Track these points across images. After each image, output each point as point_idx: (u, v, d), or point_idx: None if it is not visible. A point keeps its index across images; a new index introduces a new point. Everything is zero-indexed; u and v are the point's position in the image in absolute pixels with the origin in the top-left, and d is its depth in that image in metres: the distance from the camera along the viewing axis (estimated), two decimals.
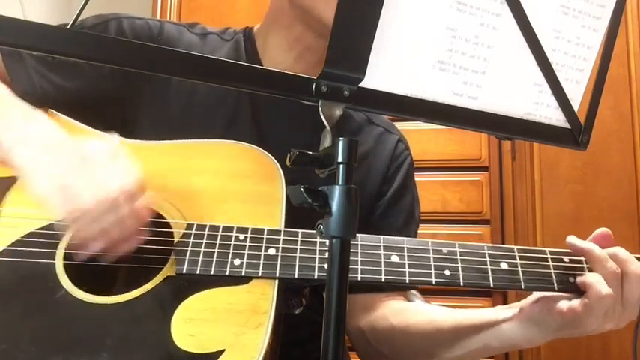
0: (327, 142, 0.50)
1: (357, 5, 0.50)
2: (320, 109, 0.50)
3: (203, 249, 0.76)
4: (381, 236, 0.80)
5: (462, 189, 1.84)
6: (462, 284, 0.77)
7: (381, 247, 0.79)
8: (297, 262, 0.76)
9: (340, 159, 0.48)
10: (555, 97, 0.61)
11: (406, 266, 0.77)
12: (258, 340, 0.70)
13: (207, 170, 0.83)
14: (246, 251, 0.76)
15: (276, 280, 0.75)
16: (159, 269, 0.76)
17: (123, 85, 0.91)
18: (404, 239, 0.80)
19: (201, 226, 0.78)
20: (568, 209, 1.75)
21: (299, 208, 0.49)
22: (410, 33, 0.53)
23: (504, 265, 0.79)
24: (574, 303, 0.76)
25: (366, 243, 0.79)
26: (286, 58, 0.95)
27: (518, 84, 0.59)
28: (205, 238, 0.77)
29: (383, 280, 0.76)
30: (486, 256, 0.79)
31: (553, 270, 0.79)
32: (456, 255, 0.79)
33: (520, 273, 0.78)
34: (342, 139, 0.48)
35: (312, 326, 0.84)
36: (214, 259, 0.76)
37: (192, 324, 0.71)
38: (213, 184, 0.82)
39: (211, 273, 0.75)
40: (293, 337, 0.82)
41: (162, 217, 0.79)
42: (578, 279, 0.77)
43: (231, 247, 0.76)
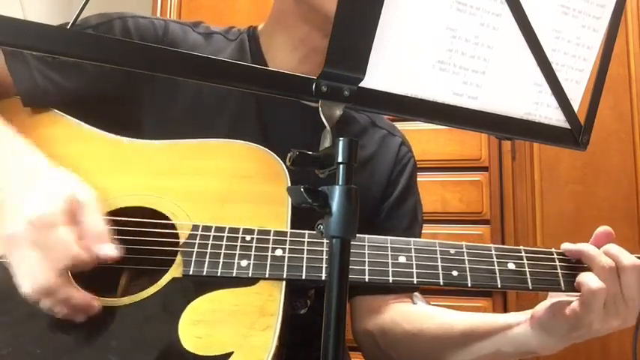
0: (327, 142, 0.50)
1: (357, 5, 0.50)
2: (320, 109, 0.50)
3: (209, 250, 0.76)
4: (388, 237, 0.79)
5: (462, 189, 1.84)
6: (469, 285, 0.77)
7: (389, 248, 0.78)
8: (304, 264, 0.76)
9: (340, 159, 0.48)
10: (555, 97, 0.61)
11: (414, 267, 0.77)
12: (266, 342, 0.69)
13: (212, 170, 0.82)
14: (253, 252, 0.76)
15: (284, 282, 0.74)
16: (165, 271, 0.75)
17: (126, 84, 0.90)
18: (411, 240, 0.80)
19: (207, 227, 0.77)
20: (568, 209, 1.75)
21: (305, 207, 0.49)
22: (410, 33, 0.53)
23: (512, 266, 0.78)
24: (574, 304, 0.76)
25: (374, 244, 0.78)
26: (291, 58, 0.95)
27: (518, 84, 0.59)
28: (211, 239, 0.77)
29: (391, 282, 0.76)
30: (494, 257, 0.79)
31: (560, 270, 0.78)
32: (464, 256, 0.79)
33: (527, 274, 0.78)
34: (342, 139, 0.48)
35: (312, 326, 0.84)
36: (221, 260, 0.75)
37: (199, 326, 0.71)
38: (218, 184, 0.81)
39: (218, 274, 0.74)
40: (299, 341, 0.81)
41: (168, 219, 0.79)
42: (577, 279, 0.77)
43: (238, 248, 0.76)
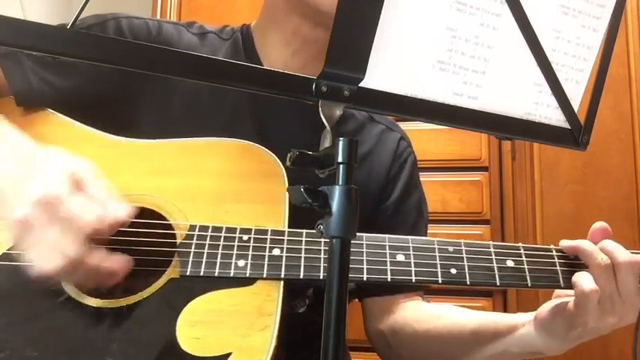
0: (327, 142, 0.50)
1: (357, 5, 0.50)
2: (320, 109, 0.50)
3: (206, 250, 0.75)
4: (386, 235, 0.79)
5: (462, 189, 1.84)
6: (468, 283, 0.76)
7: (387, 247, 0.78)
8: (302, 263, 0.75)
9: (340, 159, 0.48)
10: (555, 97, 0.61)
11: (412, 265, 0.77)
12: (265, 343, 0.69)
13: (209, 169, 0.82)
14: (250, 252, 0.75)
15: (282, 282, 0.74)
16: (162, 272, 0.75)
17: (122, 84, 0.90)
18: (409, 238, 0.79)
19: (204, 227, 0.77)
20: (568, 209, 1.75)
21: (303, 206, 0.49)
22: (410, 33, 0.53)
23: (510, 263, 0.78)
24: (569, 304, 0.75)
25: (371, 242, 0.78)
26: (285, 53, 0.95)
27: (518, 84, 0.59)
28: (208, 239, 0.76)
29: (389, 280, 0.76)
30: (492, 255, 0.79)
31: (559, 267, 0.78)
32: (462, 254, 0.78)
33: (526, 271, 0.78)
34: (342, 139, 0.48)
35: (311, 326, 0.83)
36: (218, 260, 0.75)
37: (197, 327, 0.70)
38: (215, 183, 0.81)
39: (215, 275, 0.74)
40: (298, 340, 0.81)
41: (165, 219, 0.78)
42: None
43: (235, 248, 0.75)
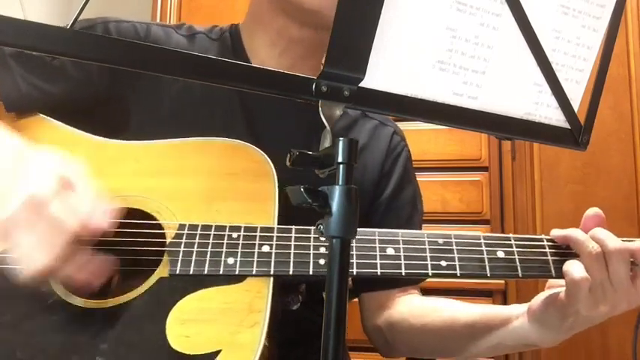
0: (327, 142, 0.50)
1: (357, 5, 0.50)
2: (320, 109, 0.50)
3: (196, 249, 0.75)
4: (376, 229, 0.79)
5: (462, 189, 1.84)
6: (458, 275, 0.76)
7: (376, 241, 0.78)
8: (291, 259, 0.75)
9: (340, 159, 0.48)
10: (555, 97, 0.61)
11: (402, 258, 0.77)
12: (254, 339, 0.69)
13: (199, 169, 0.82)
14: (240, 249, 0.75)
15: (271, 278, 0.74)
16: (152, 271, 0.75)
17: (111, 87, 0.90)
18: (399, 232, 0.79)
19: (194, 226, 0.77)
20: (568, 209, 1.75)
21: (292, 203, 0.49)
22: (410, 33, 0.53)
23: (501, 254, 0.78)
24: (561, 293, 0.75)
25: (361, 237, 0.78)
26: (272, 53, 0.95)
27: (518, 84, 0.59)
28: (198, 237, 0.76)
29: (379, 274, 0.76)
30: (483, 246, 0.78)
31: (550, 257, 0.78)
32: (452, 245, 0.78)
33: (517, 261, 0.77)
34: (341, 139, 0.48)
35: (312, 326, 0.84)
36: (207, 258, 0.75)
37: (187, 325, 0.71)
38: (205, 182, 0.81)
39: (205, 273, 0.74)
40: (293, 337, 0.81)
41: (154, 219, 0.78)
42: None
43: (225, 245, 0.76)
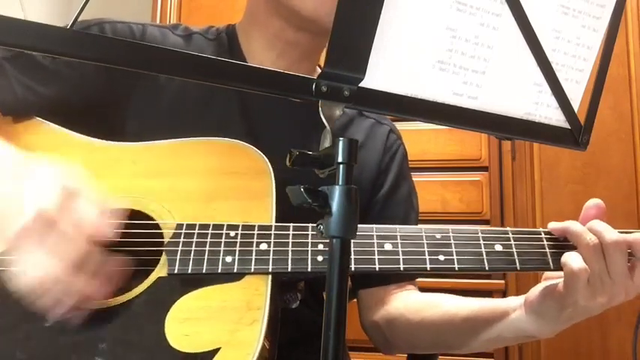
0: (326, 142, 0.50)
1: (357, 5, 0.50)
2: (320, 109, 0.50)
3: (194, 248, 0.76)
4: (374, 225, 0.79)
5: (462, 189, 1.84)
6: (456, 269, 0.76)
7: (374, 237, 0.78)
8: (289, 256, 0.75)
9: (340, 159, 0.48)
10: (555, 97, 0.61)
11: (400, 254, 0.77)
12: (253, 337, 0.69)
13: (196, 168, 0.82)
14: (238, 248, 0.75)
15: (269, 276, 0.74)
16: (150, 271, 0.75)
17: (108, 88, 0.90)
18: (397, 227, 0.79)
19: (191, 226, 0.77)
20: (568, 209, 1.75)
21: (290, 201, 0.49)
22: (410, 33, 0.53)
23: (499, 247, 0.78)
24: (559, 284, 0.75)
25: (359, 233, 0.77)
26: (269, 55, 0.95)
27: (518, 84, 0.59)
28: (196, 237, 0.76)
29: (377, 269, 0.76)
30: (480, 240, 0.78)
31: (548, 249, 0.77)
32: (450, 240, 0.78)
33: (515, 254, 0.77)
34: (341, 139, 0.48)
35: (312, 326, 0.84)
36: (206, 257, 0.75)
37: (186, 324, 0.71)
38: (202, 182, 0.81)
39: (203, 272, 0.74)
40: (293, 337, 0.81)
41: (152, 219, 0.79)
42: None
43: (222, 244, 0.76)
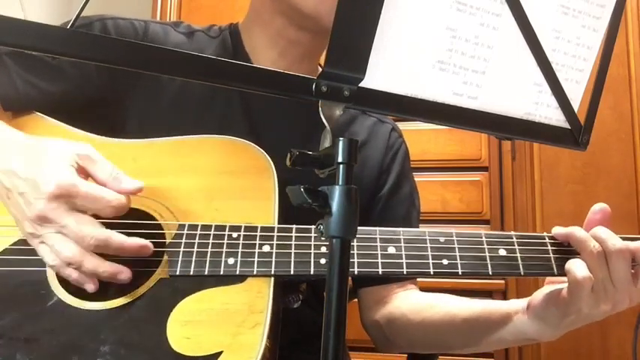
0: (327, 142, 0.50)
1: (357, 5, 0.50)
2: (320, 109, 0.50)
3: (196, 249, 0.75)
4: (377, 228, 0.79)
5: (462, 189, 1.84)
6: (460, 273, 0.76)
7: (377, 240, 0.77)
8: (292, 259, 0.75)
9: (340, 159, 0.48)
10: (555, 97, 0.61)
11: (403, 257, 0.76)
12: (255, 340, 0.69)
13: (198, 167, 0.82)
14: (240, 249, 0.75)
15: (272, 278, 0.74)
16: (152, 272, 0.75)
17: (110, 86, 0.90)
18: (400, 230, 0.79)
19: (193, 226, 0.77)
20: (568, 209, 1.75)
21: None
22: (410, 33, 0.53)
23: (503, 252, 0.77)
24: (563, 291, 0.75)
25: (362, 236, 0.77)
26: (271, 53, 0.95)
27: (518, 84, 0.59)
28: (198, 238, 0.76)
29: (380, 273, 0.75)
30: (484, 244, 0.78)
31: (552, 255, 0.77)
32: (454, 244, 0.78)
33: (519, 259, 0.77)
34: (341, 139, 0.48)
35: (312, 326, 0.84)
36: (208, 259, 0.74)
37: (188, 326, 0.70)
38: (204, 181, 0.81)
39: (205, 273, 0.74)
40: (294, 337, 0.81)
41: (154, 219, 0.78)
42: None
43: (225, 245, 0.75)
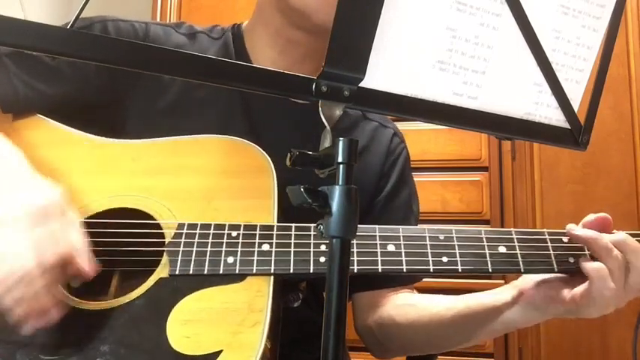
0: (327, 142, 0.50)
1: (357, 5, 0.50)
2: (320, 109, 0.50)
3: (195, 248, 0.75)
4: (377, 226, 0.78)
5: (462, 189, 1.84)
6: (460, 270, 0.76)
7: (377, 237, 0.77)
8: (291, 257, 0.75)
9: (340, 159, 0.48)
10: (555, 97, 0.61)
11: (403, 255, 0.76)
12: (255, 339, 0.69)
13: (197, 167, 0.82)
14: (240, 248, 0.75)
15: (272, 277, 0.74)
16: (151, 271, 0.75)
17: (109, 87, 0.90)
18: (399, 228, 0.79)
19: (193, 225, 0.77)
20: (568, 209, 1.75)
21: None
22: (410, 33, 0.53)
23: (503, 249, 0.77)
24: (576, 293, 0.74)
25: (362, 234, 0.77)
26: (271, 52, 0.95)
27: (518, 84, 0.59)
28: (197, 237, 0.76)
29: (380, 271, 0.75)
30: (484, 241, 0.78)
31: (552, 251, 0.77)
32: (453, 241, 0.78)
33: (519, 256, 0.77)
34: (341, 139, 0.48)
35: (312, 326, 0.84)
36: (207, 258, 0.74)
37: (187, 326, 0.70)
38: (203, 180, 0.81)
39: (205, 272, 0.74)
40: (294, 336, 0.81)
41: (153, 218, 0.78)
42: (582, 265, 0.75)
43: (224, 245, 0.75)
